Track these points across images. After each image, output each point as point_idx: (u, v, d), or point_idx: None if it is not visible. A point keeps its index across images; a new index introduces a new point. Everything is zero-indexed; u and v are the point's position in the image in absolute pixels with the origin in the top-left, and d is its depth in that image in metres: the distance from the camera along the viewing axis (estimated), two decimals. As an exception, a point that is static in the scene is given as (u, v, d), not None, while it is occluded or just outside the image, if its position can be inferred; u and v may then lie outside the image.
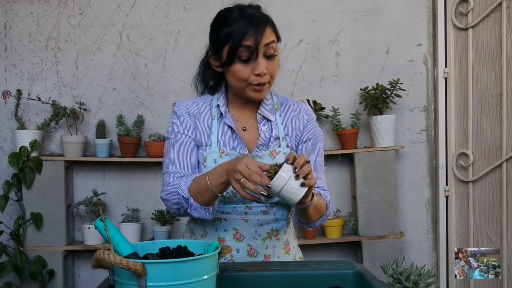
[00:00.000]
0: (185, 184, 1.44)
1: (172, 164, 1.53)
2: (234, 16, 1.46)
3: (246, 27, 1.43)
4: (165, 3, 3.11)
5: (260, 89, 1.49)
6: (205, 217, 1.44)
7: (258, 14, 1.49)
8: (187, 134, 1.55)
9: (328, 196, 1.57)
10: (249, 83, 1.48)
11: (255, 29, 1.43)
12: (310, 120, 1.61)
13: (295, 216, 1.56)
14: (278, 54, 1.51)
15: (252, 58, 1.45)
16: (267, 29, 1.46)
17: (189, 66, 3.08)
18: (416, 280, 1.17)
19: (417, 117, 3.14)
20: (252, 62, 1.45)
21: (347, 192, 3.15)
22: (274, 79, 1.52)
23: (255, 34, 1.43)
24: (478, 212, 3.00)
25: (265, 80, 1.47)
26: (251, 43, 1.43)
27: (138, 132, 2.97)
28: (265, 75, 1.47)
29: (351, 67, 3.14)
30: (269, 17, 1.51)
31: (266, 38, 1.45)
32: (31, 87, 3.09)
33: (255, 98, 1.52)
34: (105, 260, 1.01)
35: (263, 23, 1.46)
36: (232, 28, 1.44)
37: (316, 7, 3.13)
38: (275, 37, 1.50)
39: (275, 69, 1.50)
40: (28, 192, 2.91)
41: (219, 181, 1.36)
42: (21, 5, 3.09)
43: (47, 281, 2.89)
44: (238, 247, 1.52)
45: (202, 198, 1.41)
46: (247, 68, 1.46)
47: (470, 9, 2.96)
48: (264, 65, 1.46)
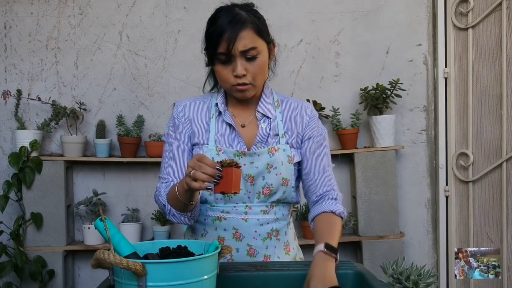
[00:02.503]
0: (164, 191, 1.49)
1: (162, 169, 1.57)
2: (219, 15, 1.46)
3: (222, 32, 1.42)
4: (165, 3, 3.11)
5: (243, 89, 1.48)
6: (184, 222, 1.48)
7: (241, 16, 1.45)
8: (179, 139, 1.56)
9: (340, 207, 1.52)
10: (231, 84, 1.48)
11: (229, 35, 1.41)
12: (312, 118, 1.60)
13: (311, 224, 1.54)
14: (263, 54, 1.47)
15: (231, 60, 1.45)
16: (244, 33, 1.43)
17: (189, 66, 3.08)
18: (416, 280, 1.17)
19: (417, 117, 3.14)
20: (232, 63, 1.46)
21: (347, 192, 3.14)
22: (259, 80, 1.49)
23: (228, 40, 1.42)
24: (478, 212, 3.00)
25: (245, 80, 1.46)
26: (223, 50, 1.43)
27: (138, 132, 2.98)
28: (245, 76, 1.46)
29: (351, 67, 3.14)
30: (253, 20, 1.46)
31: (241, 44, 1.42)
32: (31, 87, 3.09)
33: (240, 98, 1.53)
34: (105, 260, 1.01)
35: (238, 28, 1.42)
36: (211, 31, 1.45)
37: (316, 7, 3.13)
38: (258, 40, 1.46)
39: (257, 70, 1.47)
40: (28, 192, 2.91)
41: (183, 189, 1.34)
42: (21, 5, 3.09)
43: (47, 281, 2.89)
44: (237, 247, 1.52)
45: (177, 205, 1.43)
46: (226, 69, 1.47)
47: (470, 9, 2.96)
48: (242, 67, 1.45)
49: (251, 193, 1.52)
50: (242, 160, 1.50)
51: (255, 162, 1.51)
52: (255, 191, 1.52)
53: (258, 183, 1.51)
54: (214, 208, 1.54)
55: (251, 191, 1.52)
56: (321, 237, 1.37)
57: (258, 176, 1.51)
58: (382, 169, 2.98)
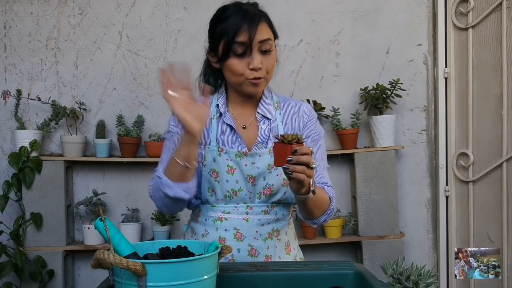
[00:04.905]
0: (162, 168, 1.47)
1: (160, 164, 1.54)
2: (230, 12, 1.48)
3: (240, 23, 1.45)
4: (165, 3, 3.11)
5: (257, 83, 1.49)
6: (181, 195, 1.43)
7: (254, 10, 1.50)
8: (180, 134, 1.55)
9: (332, 191, 1.55)
10: (246, 77, 1.48)
11: (249, 25, 1.45)
12: (310, 118, 1.61)
13: (299, 213, 1.54)
14: (275, 50, 1.52)
15: (247, 53, 1.46)
16: (261, 25, 1.47)
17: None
18: (416, 280, 1.17)
19: (417, 117, 3.14)
20: (247, 57, 1.47)
21: (347, 192, 3.15)
22: (270, 74, 1.52)
23: (249, 30, 1.44)
24: (478, 212, 3.00)
25: (260, 74, 1.48)
26: (244, 39, 1.45)
27: (138, 132, 2.97)
28: (261, 70, 1.48)
29: (351, 67, 3.14)
30: (265, 14, 1.52)
31: (260, 34, 1.46)
32: (31, 87, 3.09)
33: (252, 93, 1.53)
34: (105, 260, 1.01)
35: (257, 19, 1.46)
36: (227, 24, 1.46)
37: (316, 7, 3.13)
38: (271, 34, 1.51)
39: (271, 64, 1.50)
40: (28, 192, 2.91)
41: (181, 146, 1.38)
42: (21, 5, 3.09)
43: (47, 281, 2.89)
44: (239, 247, 1.52)
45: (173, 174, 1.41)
46: (242, 62, 1.47)
47: (470, 9, 2.96)
48: (259, 60, 1.47)
49: (252, 193, 1.52)
50: (243, 161, 1.51)
51: (256, 162, 1.51)
52: (256, 192, 1.52)
53: (259, 183, 1.51)
54: (215, 209, 1.54)
55: (252, 192, 1.52)
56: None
57: (259, 176, 1.51)
58: (382, 169, 2.98)
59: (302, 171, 1.26)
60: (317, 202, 1.44)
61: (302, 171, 1.26)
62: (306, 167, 1.26)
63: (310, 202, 1.41)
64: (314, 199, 1.40)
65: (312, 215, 1.50)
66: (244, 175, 1.51)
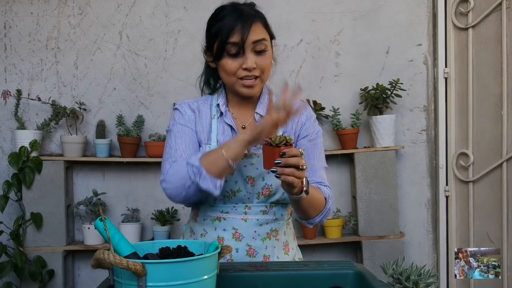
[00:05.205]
0: (195, 157, 1.42)
1: (174, 151, 1.50)
2: (225, 12, 1.49)
3: (234, 23, 1.45)
4: (165, 3, 3.11)
5: (250, 85, 1.49)
6: (211, 190, 1.40)
7: (249, 10, 1.50)
8: (189, 126, 1.55)
9: (327, 191, 1.54)
10: (238, 77, 1.48)
11: (242, 26, 1.45)
12: (308, 118, 1.61)
13: (295, 213, 1.54)
14: (270, 50, 1.52)
15: (240, 53, 1.47)
16: (255, 25, 1.47)
17: (189, 66, 3.08)
18: (416, 280, 1.17)
19: (417, 117, 3.14)
20: (241, 57, 1.47)
21: (347, 192, 3.14)
22: (266, 74, 1.52)
23: (242, 30, 1.45)
24: (478, 212, 3.00)
25: (254, 73, 1.48)
26: (237, 39, 1.45)
27: (138, 132, 2.97)
28: (255, 70, 1.48)
29: (351, 67, 3.14)
30: (261, 14, 1.52)
31: (254, 35, 1.46)
32: (31, 87, 3.09)
33: (246, 94, 1.52)
34: (105, 260, 1.01)
35: (251, 20, 1.46)
36: (222, 24, 1.47)
37: (316, 7, 3.13)
38: (266, 34, 1.51)
39: (266, 64, 1.50)
40: (28, 192, 2.91)
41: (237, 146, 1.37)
42: (21, 5, 3.09)
43: (47, 281, 2.89)
44: (237, 247, 1.52)
45: (213, 168, 1.38)
46: (235, 62, 1.47)
47: (470, 9, 2.96)
48: (253, 60, 1.47)
49: (250, 193, 1.52)
50: (243, 162, 1.51)
51: (255, 163, 1.51)
52: (254, 192, 1.52)
53: (258, 184, 1.51)
54: (213, 208, 1.55)
55: (251, 192, 1.52)
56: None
57: (258, 177, 1.51)
58: (382, 169, 2.98)
59: (291, 173, 1.27)
60: (311, 202, 1.44)
61: (291, 173, 1.26)
62: (295, 169, 1.26)
63: (304, 202, 1.41)
64: (309, 199, 1.40)
65: (307, 215, 1.50)
66: (243, 176, 1.51)
